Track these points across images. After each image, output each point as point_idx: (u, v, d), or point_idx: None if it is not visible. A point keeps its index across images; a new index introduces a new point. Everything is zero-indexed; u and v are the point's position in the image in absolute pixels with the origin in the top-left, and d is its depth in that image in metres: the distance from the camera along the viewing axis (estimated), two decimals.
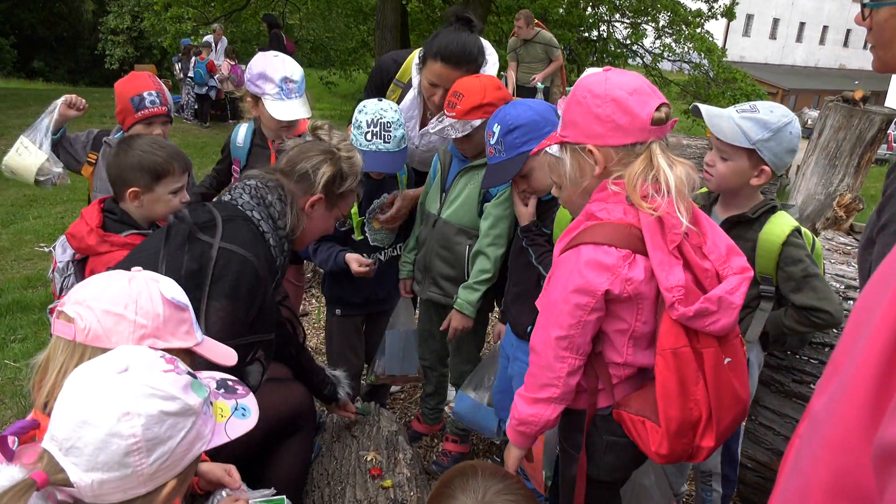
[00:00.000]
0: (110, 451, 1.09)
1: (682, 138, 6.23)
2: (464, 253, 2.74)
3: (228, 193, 2.14)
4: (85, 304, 1.36)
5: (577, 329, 1.60)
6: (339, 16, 17.82)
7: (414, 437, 3.31)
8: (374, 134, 2.71)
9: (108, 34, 23.86)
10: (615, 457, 1.78)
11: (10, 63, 24.92)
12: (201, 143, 11.33)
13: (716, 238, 1.64)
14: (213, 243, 1.92)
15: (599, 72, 1.68)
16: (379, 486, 2.41)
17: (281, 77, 2.91)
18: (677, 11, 14.03)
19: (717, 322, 1.55)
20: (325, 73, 19.69)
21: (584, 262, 1.57)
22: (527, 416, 1.70)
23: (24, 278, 5.17)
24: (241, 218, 2.04)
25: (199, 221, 1.97)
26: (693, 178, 1.61)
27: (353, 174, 2.24)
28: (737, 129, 2.05)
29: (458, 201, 2.73)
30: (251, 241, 2.00)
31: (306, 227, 2.21)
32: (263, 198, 2.10)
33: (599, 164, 1.62)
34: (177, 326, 1.43)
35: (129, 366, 1.16)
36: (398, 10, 11.26)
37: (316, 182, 2.15)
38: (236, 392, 1.39)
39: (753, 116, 2.05)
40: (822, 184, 6.66)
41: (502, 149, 2.28)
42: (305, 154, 2.19)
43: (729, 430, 1.66)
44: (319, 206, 2.20)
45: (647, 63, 15.01)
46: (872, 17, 1.33)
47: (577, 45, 14.70)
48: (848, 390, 0.59)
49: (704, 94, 13.58)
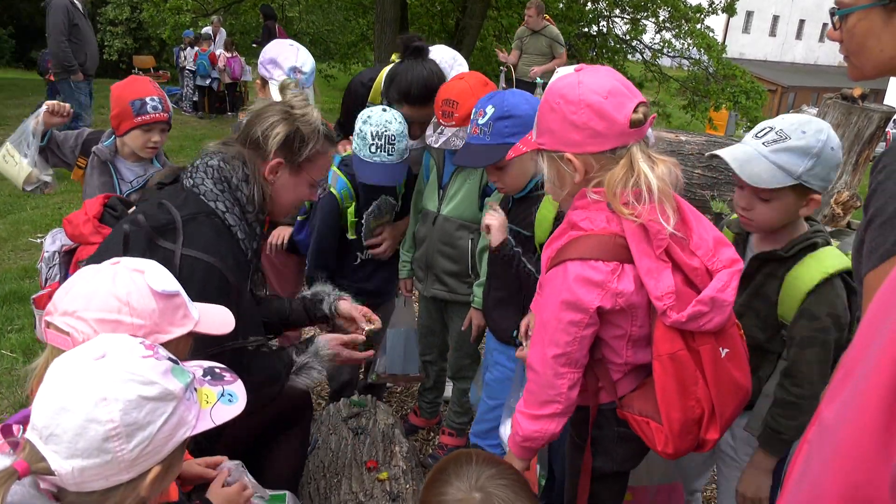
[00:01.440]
0: (89, 436, 1.08)
1: (681, 134, 6.23)
2: (467, 247, 2.74)
3: (190, 177, 1.97)
4: (76, 315, 1.34)
5: (574, 346, 1.59)
6: (338, 9, 17.74)
7: (410, 431, 3.32)
8: (379, 147, 2.69)
9: (107, 25, 23.72)
10: (628, 447, 1.78)
11: (7, 53, 24.82)
12: (200, 134, 11.30)
13: (702, 231, 1.60)
14: (174, 250, 1.80)
15: (571, 73, 1.61)
16: (375, 479, 2.42)
17: (290, 66, 2.98)
18: (677, 7, 13.98)
19: (712, 321, 1.54)
20: (325, 66, 19.63)
21: (573, 279, 1.55)
22: (531, 433, 1.68)
23: (21, 268, 5.16)
24: (204, 213, 1.90)
25: (157, 225, 1.84)
26: (676, 174, 1.58)
27: (313, 133, 2.04)
28: (774, 169, 1.74)
29: (458, 197, 2.73)
30: (215, 242, 1.87)
31: (274, 197, 2.06)
32: (228, 181, 1.95)
33: (580, 173, 1.57)
34: (173, 315, 1.42)
35: (107, 352, 1.15)
36: (398, 4, 11.20)
37: (269, 146, 1.98)
38: (223, 379, 1.36)
39: (787, 146, 1.74)
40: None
41: (489, 132, 2.24)
42: (259, 116, 2.03)
43: (733, 417, 1.66)
44: (283, 172, 2.03)
45: (646, 59, 14.97)
46: (843, 26, 1.35)
47: (576, 40, 14.66)
48: (861, 398, 0.57)
49: (704, 91, 13.56)
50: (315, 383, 2.29)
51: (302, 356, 2.13)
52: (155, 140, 2.79)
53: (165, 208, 1.87)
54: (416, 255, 2.94)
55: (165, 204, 1.89)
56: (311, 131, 2.03)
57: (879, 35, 1.30)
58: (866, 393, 0.57)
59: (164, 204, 1.89)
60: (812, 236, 1.85)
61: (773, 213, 1.82)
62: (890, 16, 1.27)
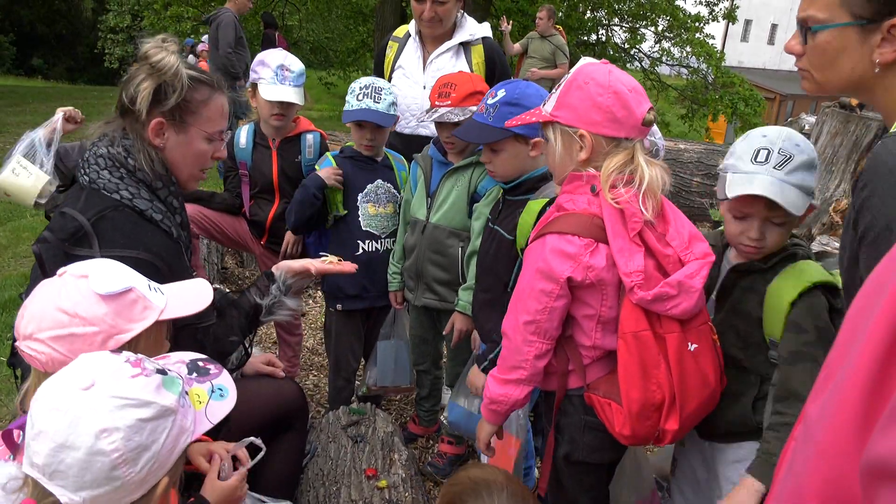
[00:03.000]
0: (95, 469, 1.08)
1: (679, 142, 6.25)
2: (457, 255, 2.74)
3: (84, 173, 1.83)
4: (32, 337, 1.32)
5: (544, 315, 1.68)
6: (338, 17, 17.83)
7: (409, 439, 3.31)
8: (366, 94, 2.82)
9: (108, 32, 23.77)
10: (594, 437, 1.82)
11: (8, 60, 24.90)
12: None
13: (678, 225, 1.70)
14: (93, 256, 1.67)
15: (600, 63, 1.74)
16: (374, 487, 2.42)
17: (278, 64, 3.06)
18: (676, 16, 14.06)
19: (678, 306, 1.61)
20: (325, 73, 19.70)
21: (549, 250, 1.66)
22: (497, 396, 1.79)
23: (21, 275, 5.16)
24: (111, 208, 1.78)
25: (66, 237, 1.72)
26: (665, 179, 1.69)
27: (174, 75, 1.85)
28: (799, 192, 1.70)
29: (447, 204, 2.74)
30: (133, 233, 1.77)
31: (171, 160, 1.92)
32: (124, 164, 1.82)
33: (587, 150, 1.68)
34: (130, 312, 1.37)
35: (95, 380, 1.12)
36: (398, 12, 11.27)
37: (140, 106, 1.82)
38: (209, 373, 1.35)
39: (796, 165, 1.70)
40: (818, 189, 6.69)
41: (493, 113, 2.25)
42: (128, 80, 1.88)
43: (697, 414, 1.71)
44: (168, 132, 1.89)
45: (645, 67, 15.03)
46: (811, 41, 1.37)
47: (575, 48, 14.73)
48: (840, 397, 0.60)
49: (702, 99, 13.62)
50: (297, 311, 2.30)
51: (266, 298, 2.07)
52: None
53: (69, 216, 1.75)
54: (406, 265, 2.93)
55: (67, 211, 1.76)
56: (173, 75, 1.84)
57: (853, 54, 1.33)
58: (845, 391, 0.59)
59: (66, 212, 1.76)
60: (792, 248, 1.81)
61: (785, 236, 1.79)
62: (866, 35, 1.30)
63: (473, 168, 2.71)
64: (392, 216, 3.05)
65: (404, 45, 3.37)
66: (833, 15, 1.32)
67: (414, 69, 3.33)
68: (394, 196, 3.03)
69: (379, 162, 3.03)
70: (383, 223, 3.03)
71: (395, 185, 3.04)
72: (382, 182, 3.00)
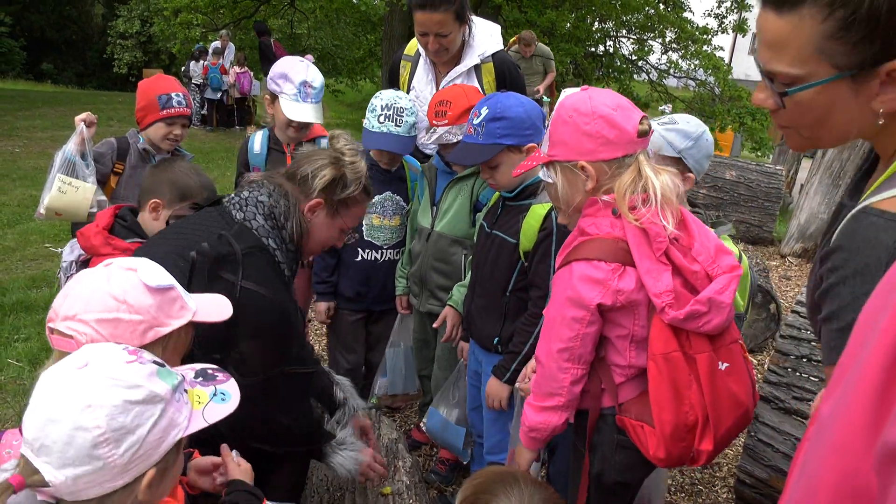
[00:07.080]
0: (77, 444, 1.09)
1: None
2: (460, 263, 2.77)
3: (240, 209, 2.01)
4: (76, 318, 1.35)
5: (577, 342, 1.68)
6: (346, 25, 17.90)
7: (413, 446, 3.31)
8: (388, 117, 2.82)
9: (117, 38, 23.99)
10: (626, 456, 1.80)
11: (18, 65, 25.06)
12: (208, 147, 11.39)
13: (703, 239, 1.70)
14: (235, 282, 1.85)
15: (578, 91, 1.76)
16: (378, 494, 2.42)
17: (301, 80, 3.02)
18: (684, 28, 14.07)
19: (710, 322, 1.61)
20: (333, 81, 19.79)
21: (577, 277, 1.67)
22: (536, 423, 1.80)
23: (29, 278, 5.19)
24: (258, 249, 1.95)
25: (219, 255, 1.87)
26: (678, 184, 1.70)
27: (356, 179, 2.13)
28: (662, 140, 2.16)
29: (451, 213, 2.77)
30: (272, 278, 1.95)
31: (309, 234, 2.13)
32: (277, 219, 2.01)
33: (592, 179, 1.69)
34: (170, 307, 1.43)
35: (90, 361, 1.16)
36: (406, 21, 11.32)
37: (314, 185, 2.06)
38: (215, 379, 1.37)
39: (675, 128, 2.20)
40: (825, 203, 6.68)
41: (481, 132, 2.29)
42: (310, 158, 2.13)
43: (730, 433, 1.70)
44: (320, 212, 2.11)
45: (652, 79, 15.04)
46: (790, 99, 1.17)
47: (583, 59, 14.76)
48: (852, 395, 0.61)
49: (709, 112, 13.61)
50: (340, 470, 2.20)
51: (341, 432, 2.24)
52: (176, 133, 2.94)
53: (225, 240, 1.91)
54: (411, 271, 2.97)
55: (225, 235, 1.92)
56: (355, 178, 2.12)
57: (847, 107, 1.14)
58: (857, 390, 0.60)
59: (224, 235, 1.92)
60: None
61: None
62: (859, 85, 1.11)
63: (476, 177, 2.74)
64: (397, 228, 3.07)
65: (416, 65, 3.34)
66: (811, 70, 1.12)
67: (427, 93, 3.30)
68: (401, 208, 3.05)
69: (392, 173, 3.05)
70: (386, 235, 3.05)
71: (405, 198, 3.05)
72: (392, 194, 3.02)
